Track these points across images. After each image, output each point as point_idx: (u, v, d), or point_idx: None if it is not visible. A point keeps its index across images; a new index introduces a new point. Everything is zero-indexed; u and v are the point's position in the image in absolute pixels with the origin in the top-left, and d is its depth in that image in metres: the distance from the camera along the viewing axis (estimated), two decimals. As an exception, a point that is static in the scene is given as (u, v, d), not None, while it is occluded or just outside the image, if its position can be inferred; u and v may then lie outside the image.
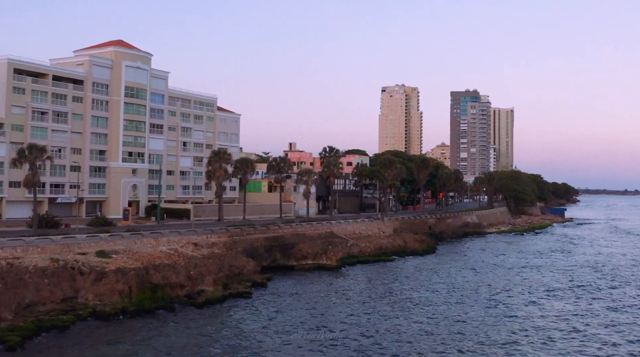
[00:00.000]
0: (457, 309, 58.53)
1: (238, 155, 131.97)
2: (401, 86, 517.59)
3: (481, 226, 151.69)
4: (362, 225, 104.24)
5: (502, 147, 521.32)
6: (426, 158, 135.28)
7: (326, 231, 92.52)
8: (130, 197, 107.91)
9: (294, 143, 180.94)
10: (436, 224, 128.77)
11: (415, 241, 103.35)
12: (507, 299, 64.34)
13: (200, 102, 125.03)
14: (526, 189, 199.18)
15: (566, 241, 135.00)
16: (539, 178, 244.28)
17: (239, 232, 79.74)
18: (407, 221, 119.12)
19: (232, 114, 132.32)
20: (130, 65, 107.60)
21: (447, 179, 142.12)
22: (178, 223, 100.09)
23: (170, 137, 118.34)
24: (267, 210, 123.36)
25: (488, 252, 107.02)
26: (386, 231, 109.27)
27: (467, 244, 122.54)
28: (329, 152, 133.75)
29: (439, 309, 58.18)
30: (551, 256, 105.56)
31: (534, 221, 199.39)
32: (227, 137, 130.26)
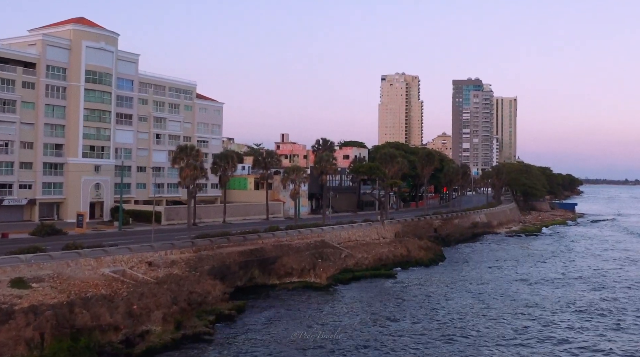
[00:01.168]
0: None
1: (220, 148, 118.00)
2: (401, 74, 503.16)
3: (490, 226, 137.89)
4: (359, 230, 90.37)
5: (505, 137, 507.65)
6: (430, 152, 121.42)
7: (316, 240, 78.58)
8: (93, 197, 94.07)
9: (286, 134, 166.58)
10: (442, 225, 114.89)
11: (419, 249, 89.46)
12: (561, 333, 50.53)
13: (177, 89, 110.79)
14: (536, 184, 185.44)
15: (589, 244, 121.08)
16: (548, 171, 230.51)
17: (207, 245, 65.75)
18: (409, 223, 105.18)
19: (213, 103, 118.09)
20: (92, 46, 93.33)
21: (454, 174, 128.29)
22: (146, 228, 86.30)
23: (141, 128, 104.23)
24: (253, 210, 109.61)
25: (504, 262, 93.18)
26: (387, 236, 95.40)
27: (477, 248, 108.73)
28: (323, 145, 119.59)
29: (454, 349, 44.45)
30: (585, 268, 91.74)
31: (545, 217, 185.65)
32: (207, 128, 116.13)
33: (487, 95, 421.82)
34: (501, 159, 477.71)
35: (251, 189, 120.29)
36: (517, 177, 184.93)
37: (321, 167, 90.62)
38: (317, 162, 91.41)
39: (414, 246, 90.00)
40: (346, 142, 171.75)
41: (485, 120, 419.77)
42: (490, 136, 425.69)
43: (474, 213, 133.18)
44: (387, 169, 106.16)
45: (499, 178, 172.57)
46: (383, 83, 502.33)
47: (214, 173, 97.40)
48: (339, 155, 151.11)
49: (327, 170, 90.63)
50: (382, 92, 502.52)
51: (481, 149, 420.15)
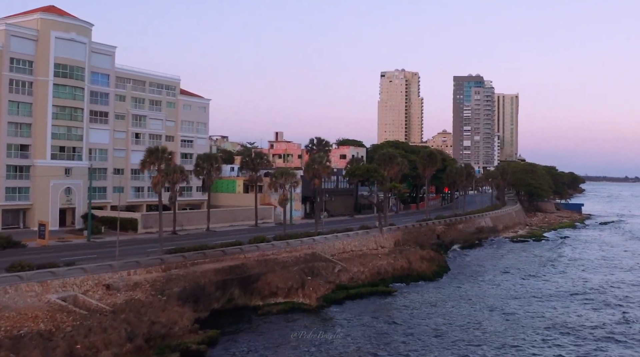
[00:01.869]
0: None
1: (206, 148, 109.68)
2: (401, 71, 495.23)
3: (496, 230, 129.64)
4: (355, 240, 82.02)
5: (506, 134, 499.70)
6: (433, 152, 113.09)
7: (306, 253, 70.25)
8: (63, 203, 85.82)
9: (280, 132, 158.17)
10: (445, 232, 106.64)
11: (421, 260, 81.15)
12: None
13: (159, 85, 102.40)
14: (542, 184, 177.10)
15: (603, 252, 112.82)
16: (554, 170, 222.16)
17: (180, 262, 57.42)
18: (410, 230, 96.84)
19: (198, 99, 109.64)
20: (62, 37, 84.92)
21: (458, 175, 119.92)
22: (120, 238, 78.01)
23: (119, 127, 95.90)
24: (241, 216, 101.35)
25: (514, 273, 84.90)
26: (386, 245, 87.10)
27: (484, 256, 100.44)
28: (317, 145, 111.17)
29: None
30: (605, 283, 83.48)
31: (551, 219, 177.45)
32: (192, 127, 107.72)
33: (488, 92, 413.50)
34: (502, 157, 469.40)
35: (240, 192, 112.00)
36: (523, 177, 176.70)
37: (313, 170, 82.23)
38: (308, 164, 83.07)
39: (415, 256, 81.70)
40: (343, 141, 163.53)
41: (486, 117, 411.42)
42: (491, 134, 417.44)
43: (478, 217, 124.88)
44: (385, 170, 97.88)
45: (504, 178, 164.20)
46: (382, 80, 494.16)
47: (197, 176, 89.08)
48: (336, 155, 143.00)
49: (319, 173, 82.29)
50: (382, 89, 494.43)
51: (482, 146, 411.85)
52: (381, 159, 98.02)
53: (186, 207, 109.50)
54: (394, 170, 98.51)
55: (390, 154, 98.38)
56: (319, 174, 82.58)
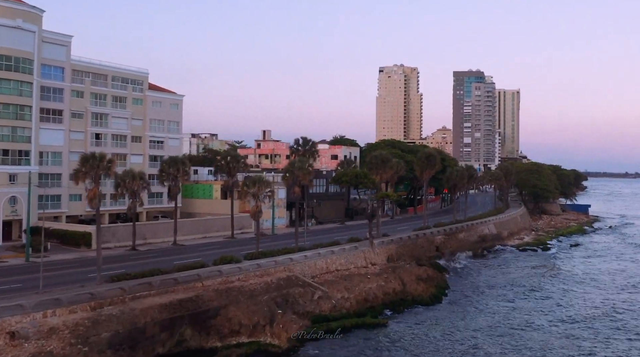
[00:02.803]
0: None
1: (179, 149, 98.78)
2: (400, 66, 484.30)
3: (500, 238, 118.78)
4: (341, 257, 71.02)
5: (507, 131, 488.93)
6: (431, 153, 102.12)
7: (281, 276, 59.29)
8: (7, 215, 74.98)
9: (268, 131, 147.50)
10: (445, 242, 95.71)
11: (417, 281, 70.37)
12: None
13: (123, 79, 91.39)
14: (548, 185, 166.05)
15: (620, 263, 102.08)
16: (559, 170, 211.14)
17: (117, 296, 46.40)
18: (406, 242, 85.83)
19: (170, 95, 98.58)
20: (5, 24, 73.91)
21: (459, 178, 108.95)
22: (69, 257, 67.34)
23: (76, 127, 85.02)
24: (216, 226, 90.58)
25: (525, 294, 74.06)
26: (377, 262, 76.19)
27: (488, 270, 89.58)
28: (303, 145, 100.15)
29: None
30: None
31: (557, 222, 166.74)
32: (163, 126, 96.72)
33: (489, 88, 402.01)
34: (503, 154, 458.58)
35: (217, 198, 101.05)
36: (527, 177, 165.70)
37: (293, 177, 71.25)
38: (287, 169, 72.05)
39: (410, 276, 70.84)
40: (335, 140, 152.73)
41: (487, 113, 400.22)
42: (492, 130, 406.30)
43: (481, 224, 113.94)
44: (378, 175, 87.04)
45: (508, 179, 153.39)
46: (381, 75, 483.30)
47: (161, 182, 78.19)
48: (326, 155, 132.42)
49: (300, 179, 71.31)
50: (380, 84, 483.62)
51: (483, 143, 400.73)
52: (373, 163, 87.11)
53: (158, 214, 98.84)
54: (388, 175, 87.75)
55: (383, 156, 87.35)
56: (299, 181, 71.58)
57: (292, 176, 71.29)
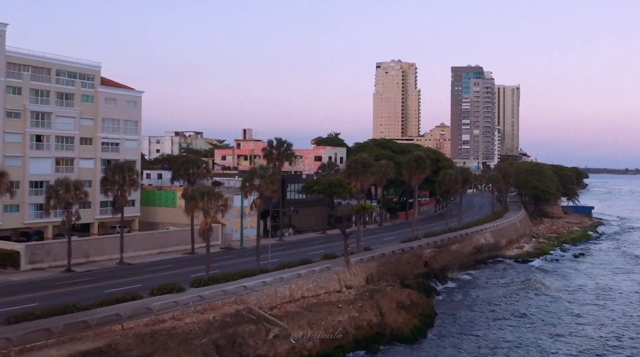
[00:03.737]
0: None
1: (137, 153, 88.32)
2: (397, 62, 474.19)
3: (498, 247, 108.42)
4: (310, 281, 60.48)
5: (507, 128, 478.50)
6: (421, 156, 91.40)
7: (226, 313, 48.79)
8: None
9: (249, 130, 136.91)
10: (435, 256, 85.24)
11: (398, 309, 59.90)
12: None
13: (71, 73, 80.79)
14: (550, 187, 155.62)
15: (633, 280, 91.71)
16: (561, 169, 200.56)
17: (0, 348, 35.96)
18: (389, 259, 75.20)
19: (127, 92, 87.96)
20: None
21: (452, 183, 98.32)
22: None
23: (12, 127, 74.51)
24: (176, 239, 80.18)
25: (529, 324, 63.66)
26: (353, 283, 65.75)
27: (483, 290, 79.19)
28: (277, 147, 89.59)
29: None
30: None
31: (560, 227, 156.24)
32: (118, 126, 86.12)
33: (488, 83, 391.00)
34: (503, 152, 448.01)
35: (182, 206, 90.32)
36: (528, 179, 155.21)
37: (251, 188, 60.68)
38: (246, 179, 61.47)
39: (390, 303, 60.36)
40: (320, 140, 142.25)
41: (486, 110, 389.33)
42: (491, 127, 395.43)
43: (477, 233, 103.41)
44: (358, 181, 76.56)
45: (506, 181, 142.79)
46: (378, 71, 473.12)
47: (105, 193, 67.73)
48: (309, 157, 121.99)
49: (263, 190, 60.78)
50: (377, 80, 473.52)
51: (482, 140, 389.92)
52: (352, 167, 76.62)
53: (116, 225, 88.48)
54: (370, 181, 77.43)
55: (364, 160, 76.79)
56: (263, 192, 61.07)
57: (251, 186, 60.73)
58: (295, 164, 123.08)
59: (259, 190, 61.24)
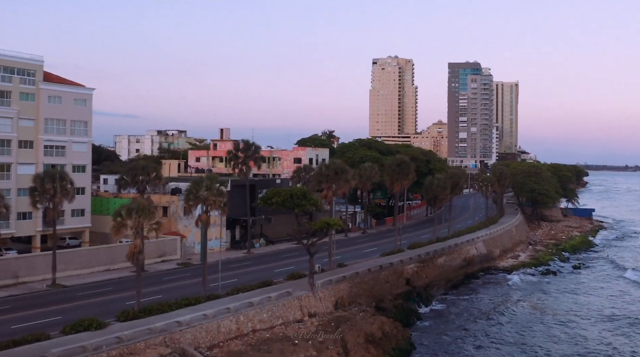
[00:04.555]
0: None
1: (86, 157, 79.32)
2: (394, 58, 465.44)
3: (491, 258, 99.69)
4: (264, 311, 51.54)
5: (505, 125, 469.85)
6: (404, 161, 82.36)
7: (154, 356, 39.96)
8: None
9: (226, 129, 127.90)
10: (419, 272, 76.39)
11: (366, 345, 51.07)
12: None
13: (6, 68, 71.67)
14: (549, 190, 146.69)
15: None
16: (560, 170, 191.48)
17: None
18: (364, 278, 66.21)
19: (75, 89, 78.81)
20: None
21: (441, 189, 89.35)
22: None
23: None
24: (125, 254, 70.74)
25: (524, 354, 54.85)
26: (319, 310, 56.92)
27: (472, 314, 70.26)
28: (244, 150, 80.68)
29: None
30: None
31: (558, 231, 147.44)
32: (64, 127, 77.00)
33: (486, 80, 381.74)
34: (501, 149, 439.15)
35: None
36: (525, 181, 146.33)
37: (196, 201, 51.78)
38: (190, 191, 52.56)
39: (358, 337, 51.46)
40: (302, 141, 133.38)
41: (484, 107, 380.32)
42: (489, 124, 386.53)
43: (467, 243, 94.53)
44: (330, 190, 67.62)
45: (501, 184, 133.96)
46: (374, 67, 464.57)
47: (34, 205, 58.79)
48: (289, 159, 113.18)
49: (209, 204, 51.88)
50: (374, 76, 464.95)
51: (479, 138, 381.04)
52: (322, 174, 67.64)
53: (66, 236, 79.73)
54: (344, 189, 68.45)
55: (337, 166, 67.77)
56: (209, 206, 52.13)
57: (195, 200, 51.80)
58: (274, 166, 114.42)
59: (205, 203, 52.29)
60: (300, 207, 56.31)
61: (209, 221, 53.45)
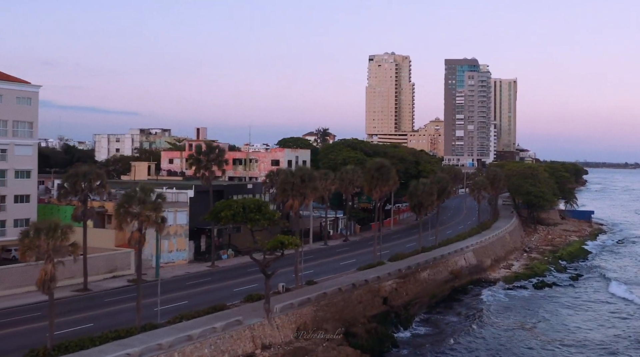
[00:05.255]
0: None
1: (32, 161, 71.79)
2: (391, 54, 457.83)
3: (481, 269, 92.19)
4: (204, 345, 43.93)
5: (504, 123, 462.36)
6: (383, 165, 74.74)
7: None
8: None
9: (203, 128, 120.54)
10: (398, 289, 68.85)
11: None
12: None
13: None
14: (545, 192, 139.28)
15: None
16: (558, 170, 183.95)
17: None
18: (332, 299, 58.52)
19: (17, 86, 71.18)
20: None
21: (426, 195, 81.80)
22: None
23: None
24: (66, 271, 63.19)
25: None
26: (276, 340, 49.46)
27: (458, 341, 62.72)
28: (206, 154, 73.12)
29: None
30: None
31: (556, 236, 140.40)
32: (5, 129, 69.41)
33: (483, 77, 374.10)
34: (499, 147, 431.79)
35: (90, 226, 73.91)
36: (520, 183, 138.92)
37: (126, 217, 44.27)
38: (118, 208, 45.04)
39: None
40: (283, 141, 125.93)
41: (481, 104, 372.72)
42: (487, 122, 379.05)
43: (455, 253, 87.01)
44: (294, 199, 60.05)
45: (495, 187, 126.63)
46: (371, 64, 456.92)
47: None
48: (266, 161, 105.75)
49: (144, 221, 44.39)
50: (370, 73, 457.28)
51: (477, 136, 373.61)
52: (287, 182, 60.05)
53: (12, 248, 72.16)
54: (310, 199, 61.08)
55: (304, 173, 60.18)
56: (144, 223, 44.57)
57: (126, 216, 44.25)
58: (250, 169, 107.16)
59: (138, 220, 44.77)
60: (254, 222, 48.70)
61: (144, 240, 45.83)
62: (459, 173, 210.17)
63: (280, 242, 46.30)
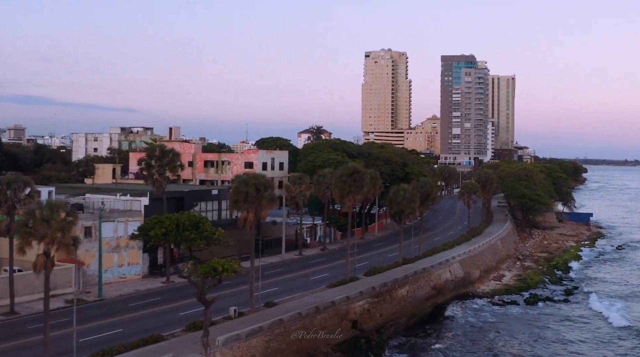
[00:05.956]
0: None
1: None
2: (387, 51, 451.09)
3: (468, 282, 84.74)
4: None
5: (501, 120, 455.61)
6: (356, 170, 67.25)
7: None
8: None
9: (176, 128, 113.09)
10: (371, 310, 61.39)
11: None
12: None
13: None
14: (541, 195, 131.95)
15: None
16: (555, 171, 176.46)
17: None
18: (290, 327, 51.04)
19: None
20: None
21: (407, 202, 74.30)
22: None
23: None
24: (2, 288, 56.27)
25: None
26: (213, 382, 42.05)
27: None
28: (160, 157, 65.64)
29: None
30: None
31: (552, 241, 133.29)
32: None
33: (480, 73, 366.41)
34: (497, 145, 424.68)
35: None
36: (514, 185, 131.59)
37: (28, 237, 36.92)
38: (21, 224, 37.58)
39: None
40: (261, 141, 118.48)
41: (478, 101, 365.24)
42: (484, 120, 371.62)
43: (439, 266, 79.53)
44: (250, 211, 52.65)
45: (487, 190, 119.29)
46: (367, 60, 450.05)
47: None
48: (239, 163, 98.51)
49: (48, 243, 37.07)
50: (366, 70, 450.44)
51: (474, 134, 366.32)
52: (240, 192, 52.58)
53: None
54: (265, 212, 53.55)
55: (259, 182, 52.59)
56: (48, 245, 37.16)
57: (28, 237, 36.87)
58: (223, 172, 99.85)
59: (43, 242, 37.40)
60: (189, 241, 41.26)
61: (51, 265, 38.46)
62: (454, 172, 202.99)
63: (213, 269, 38.80)
